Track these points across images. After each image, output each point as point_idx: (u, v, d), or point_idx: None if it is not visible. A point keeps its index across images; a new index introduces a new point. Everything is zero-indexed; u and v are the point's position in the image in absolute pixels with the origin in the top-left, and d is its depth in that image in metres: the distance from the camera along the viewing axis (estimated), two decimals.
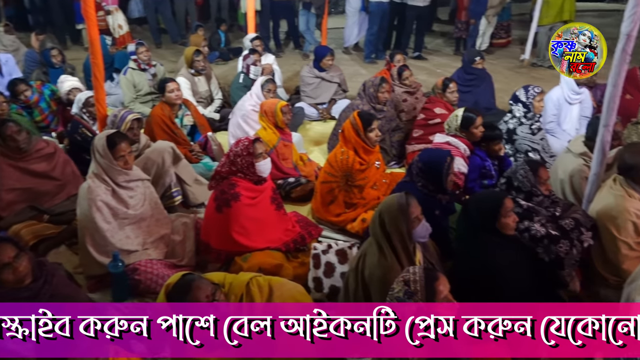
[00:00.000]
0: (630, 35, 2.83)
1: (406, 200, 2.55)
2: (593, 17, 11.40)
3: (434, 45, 9.66)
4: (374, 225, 2.59)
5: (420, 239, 2.61)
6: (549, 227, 2.93)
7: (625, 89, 5.01)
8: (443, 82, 4.88)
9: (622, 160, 3.04)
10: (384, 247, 2.52)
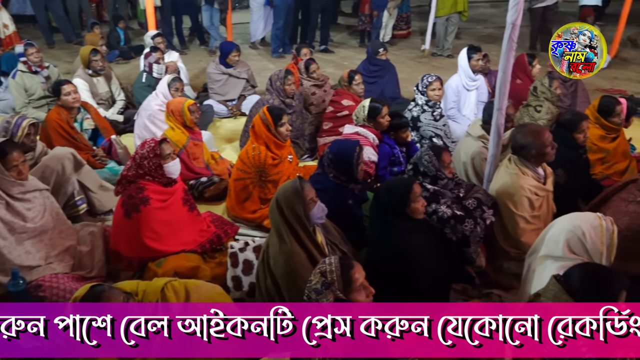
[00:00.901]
0: (515, 24, 3.03)
1: (300, 184, 2.64)
2: (485, 7, 12.14)
3: (340, 38, 9.82)
4: (272, 212, 2.65)
5: (317, 220, 2.71)
6: (454, 208, 3.09)
7: (515, 74, 5.43)
8: (349, 74, 4.97)
9: (514, 141, 3.25)
10: (284, 233, 2.60)
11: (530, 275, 2.66)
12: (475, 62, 5.20)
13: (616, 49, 8.13)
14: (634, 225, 2.94)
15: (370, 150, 3.95)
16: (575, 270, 2.08)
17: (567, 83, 5.30)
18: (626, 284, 2.04)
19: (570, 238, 2.44)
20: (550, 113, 4.66)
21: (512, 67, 5.53)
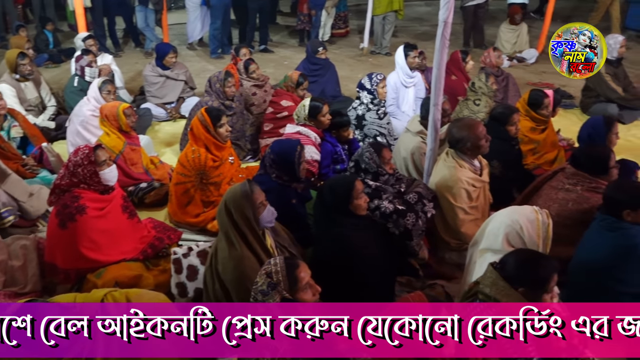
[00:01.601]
0: (446, 22, 3.13)
1: (249, 187, 2.62)
2: (420, 5, 12.45)
3: (279, 38, 9.80)
4: (221, 216, 2.62)
5: (267, 223, 2.70)
6: (396, 203, 3.15)
7: (450, 70, 5.59)
8: (298, 78, 4.96)
9: (450, 135, 3.36)
10: (233, 237, 2.57)
11: (472, 266, 2.75)
12: (411, 60, 5.32)
13: (543, 45, 8.53)
14: (563, 212, 3.10)
15: (313, 149, 3.97)
16: (510, 257, 2.18)
17: (499, 78, 5.52)
18: (557, 268, 2.16)
19: (509, 232, 2.54)
20: (488, 106, 4.84)
21: (447, 64, 5.73)
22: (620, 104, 5.73)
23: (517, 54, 8.22)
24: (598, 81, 5.75)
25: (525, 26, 8.37)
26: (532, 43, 8.49)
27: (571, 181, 3.19)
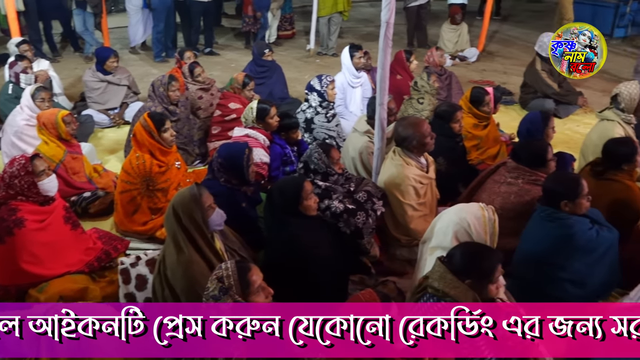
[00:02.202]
0: (389, 23, 3.18)
1: (198, 190, 2.60)
2: (365, 7, 12.61)
3: (225, 40, 9.69)
4: (168, 221, 2.58)
5: (216, 227, 2.68)
6: (346, 202, 3.18)
7: (395, 70, 5.69)
8: (244, 79, 4.92)
9: (396, 134, 3.42)
10: (181, 241, 2.53)
11: (423, 263, 2.80)
12: (357, 60, 5.38)
13: (483, 43, 8.83)
14: (506, 205, 3.21)
15: (261, 151, 3.94)
16: (456, 251, 2.24)
17: (442, 76, 5.66)
18: (501, 259, 2.23)
19: (457, 230, 2.60)
20: (431, 104, 4.95)
21: (392, 64, 5.84)
22: (556, 99, 5.99)
23: (459, 53, 8.46)
24: (535, 78, 6.00)
25: (465, 26, 8.62)
26: (472, 42, 8.77)
27: (512, 175, 3.31)
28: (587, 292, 2.83)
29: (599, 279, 2.85)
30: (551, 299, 2.84)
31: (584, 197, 2.80)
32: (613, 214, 3.09)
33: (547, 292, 2.84)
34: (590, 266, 2.80)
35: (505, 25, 11.12)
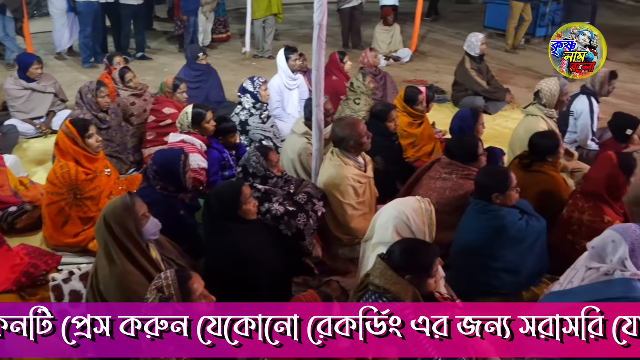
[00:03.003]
0: (321, 25, 3.20)
1: (130, 199, 2.52)
2: (300, 9, 12.65)
3: (158, 45, 9.45)
4: (99, 231, 2.49)
5: (151, 236, 2.60)
6: (286, 205, 3.17)
7: (330, 71, 5.75)
8: (173, 82, 4.81)
9: (334, 134, 3.45)
10: (114, 253, 2.45)
11: (366, 261, 2.84)
12: (293, 62, 5.39)
13: (416, 44, 9.07)
14: (442, 199, 3.31)
15: (199, 157, 3.87)
16: (395, 247, 2.29)
17: (377, 77, 5.77)
18: (438, 253, 2.30)
19: (397, 224, 2.65)
20: (368, 105, 5.03)
21: (327, 65, 5.89)
22: (485, 96, 6.24)
23: (392, 54, 8.65)
24: (465, 76, 6.23)
25: (398, 27, 8.83)
26: (405, 43, 9.00)
27: (447, 170, 3.41)
28: (520, 280, 2.96)
29: (531, 267, 2.98)
30: (487, 287, 2.97)
31: (513, 189, 2.93)
32: (540, 204, 3.26)
33: (483, 282, 2.96)
34: (521, 255, 2.93)
35: (436, 26, 11.48)
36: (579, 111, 4.63)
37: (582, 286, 2.48)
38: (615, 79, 4.66)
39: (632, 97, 6.88)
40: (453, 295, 2.67)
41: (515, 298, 2.97)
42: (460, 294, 2.80)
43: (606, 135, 4.61)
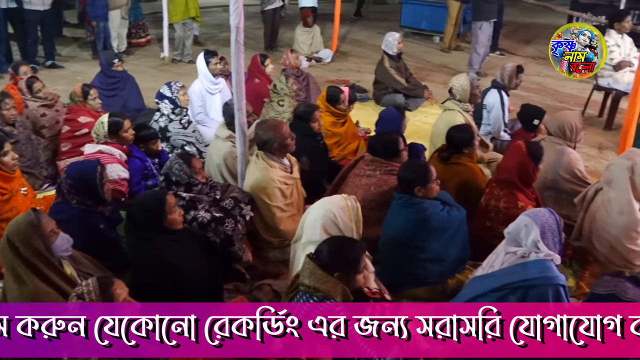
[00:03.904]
0: (238, 27, 3.17)
1: (35, 216, 2.39)
2: (218, 12, 12.48)
3: (69, 52, 8.99)
4: (4, 253, 2.34)
5: (63, 252, 2.47)
6: (213, 211, 3.11)
7: (253, 74, 5.71)
8: (82, 89, 4.59)
9: (258, 137, 3.43)
10: (22, 273, 2.32)
11: (297, 261, 2.84)
12: (213, 66, 5.31)
13: (336, 44, 9.20)
14: (367, 196, 3.38)
15: (119, 167, 3.72)
16: (323, 246, 2.31)
17: (299, 78, 5.80)
18: (364, 249, 2.35)
19: (325, 222, 2.68)
20: (292, 106, 5.04)
21: (249, 68, 5.85)
22: (405, 93, 6.44)
23: (314, 55, 8.73)
24: (384, 75, 6.40)
25: (317, 28, 8.93)
26: (326, 44, 9.10)
27: (371, 167, 3.49)
28: (445, 268, 3.09)
29: (454, 255, 3.11)
30: (414, 278, 3.07)
31: (433, 181, 3.04)
32: (460, 194, 3.41)
33: (410, 272, 3.06)
34: (445, 244, 3.05)
35: (355, 27, 11.71)
36: (490, 104, 4.89)
37: (502, 269, 2.62)
38: (522, 72, 4.96)
39: (538, 89, 7.35)
40: (382, 289, 2.74)
41: (441, 286, 3.09)
42: (389, 286, 2.87)
43: (517, 126, 4.89)
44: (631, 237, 3.17)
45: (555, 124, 3.83)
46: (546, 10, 9.90)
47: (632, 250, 3.18)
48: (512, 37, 10.36)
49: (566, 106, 6.60)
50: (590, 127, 5.78)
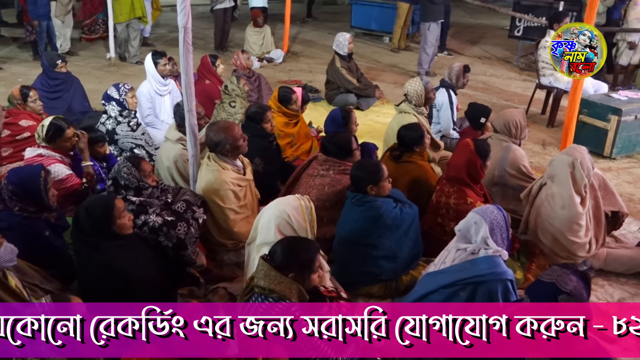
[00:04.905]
0: (186, 28, 3.11)
1: None
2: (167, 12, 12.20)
3: (7, 52, 8.60)
4: None
5: (6, 263, 2.33)
6: (164, 215, 3.04)
7: (203, 75, 5.63)
8: (20, 91, 4.39)
9: (209, 139, 3.38)
10: None
11: (252, 263, 2.82)
12: (162, 67, 5.19)
13: (287, 45, 9.19)
14: (321, 195, 3.39)
15: (61, 166, 3.51)
16: (277, 247, 2.30)
17: (251, 79, 5.75)
18: (318, 248, 2.35)
19: (279, 223, 2.68)
20: (243, 107, 4.99)
21: (199, 69, 5.76)
22: (357, 93, 6.50)
23: (265, 55, 8.69)
24: (336, 75, 6.44)
25: (268, 28, 8.89)
26: (277, 44, 9.08)
27: (324, 167, 3.50)
28: (398, 265, 3.14)
29: (407, 252, 3.17)
30: (369, 275, 3.11)
31: (385, 180, 3.09)
32: (411, 191, 3.47)
33: (364, 270, 3.09)
34: (398, 241, 3.09)
35: (305, 27, 11.73)
36: (439, 103, 5.00)
37: (453, 265, 2.68)
38: (469, 72, 5.10)
39: (484, 88, 7.58)
40: (338, 287, 2.76)
41: (395, 283, 3.14)
42: (345, 285, 2.90)
43: (465, 124, 5.03)
44: (573, 230, 3.31)
45: (500, 122, 3.96)
46: (490, 12, 10.20)
47: (574, 242, 3.32)
48: (458, 37, 10.65)
49: (511, 104, 6.84)
50: (534, 125, 6.02)
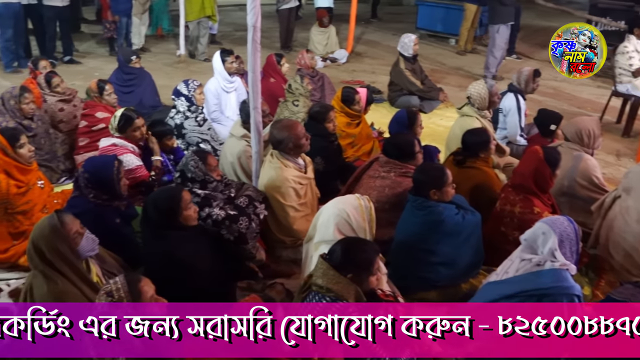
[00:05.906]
0: (255, 27, 3.18)
1: (58, 218, 2.38)
2: (235, 11, 12.53)
3: (87, 48, 9.09)
4: (31, 258, 2.35)
5: (89, 252, 2.48)
6: (227, 209, 3.12)
7: (268, 73, 5.72)
8: (97, 85, 4.63)
9: (272, 137, 3.44)
10: (51, 275, 2.32)
11: (309, 260, 2.85)
12: (229, 65, 5.33)
13: (351, 45, 9.20)
14: (381, 197, 3.37)
15: (132, 156, 3.71)
16: (336, 247, 2.30)
17: (314, 78, 5.80)
18: (377, 251, 2.34)
19: (338, 222, 2.68)
20: (306, 106, 5.05)
21: (264, 67, 5.86)
22: (420, 95, 6.41)
23: (329, 55, 8.73)
24: (400, 76, 6.37)
25: (333, 28, 8.93)
26: (341, 44, 9.10)
27: (385, 169, 3.48)
28: (457, 272, 3.06)
29: (467, 259, 3.09)
30: (425, 281, 3.05)
31: (449, 185, 3.03)
32: (474, 198, 3.38)
33: (422, 276, 3.04)
34: (457, 248, 3.02)
35: (369, 28, 11.70)
36: (507, 108, 4.85)
37: (516, 276, 2.58)
38: (539, 76, 4.92)
39: (554, 94, 7.29)
40: (395, 291, 2.73)
41: (453, 290, 3.07)
42: (401, 289, 2.86)
43: (533, 131, 4.85)
44: None
45: (572, 130, 3.79)
46: (564, 14, 9.77)
47: None
48: (528, 40, 10.29)
49: (583, 112, 6.54)
50: (608, 134, 5.72)
